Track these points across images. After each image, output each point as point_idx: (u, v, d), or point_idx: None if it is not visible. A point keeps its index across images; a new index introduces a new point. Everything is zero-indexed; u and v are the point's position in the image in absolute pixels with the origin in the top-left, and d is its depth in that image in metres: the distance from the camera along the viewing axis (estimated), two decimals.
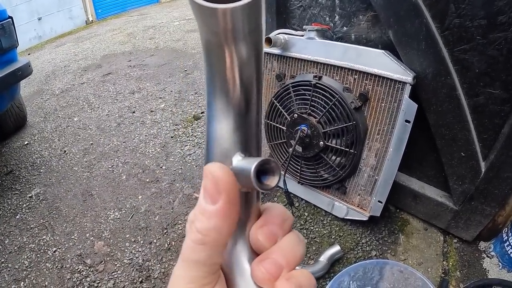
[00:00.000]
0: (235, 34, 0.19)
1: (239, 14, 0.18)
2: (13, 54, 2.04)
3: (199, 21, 0.19)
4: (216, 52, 0.20)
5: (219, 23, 0.18)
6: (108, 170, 2.05)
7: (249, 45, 0.20)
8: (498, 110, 1.04)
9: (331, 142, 1.28)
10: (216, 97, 0.22)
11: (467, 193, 1.21)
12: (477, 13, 0.96)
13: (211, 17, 0.18)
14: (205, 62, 0.22)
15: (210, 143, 0.23)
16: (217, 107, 0.22)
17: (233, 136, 0.22)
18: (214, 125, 0.22)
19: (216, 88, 0.22)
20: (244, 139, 0.23)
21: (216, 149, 0.23)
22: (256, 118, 0.23)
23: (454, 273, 1.26)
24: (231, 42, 0.19)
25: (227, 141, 0.22)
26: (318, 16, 1.37)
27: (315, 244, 1.41)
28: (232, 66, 0.20)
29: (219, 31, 0.19)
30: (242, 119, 0.22)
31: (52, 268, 1.48)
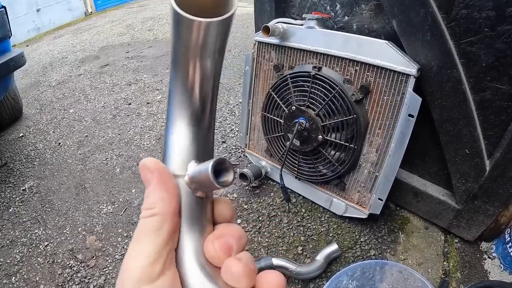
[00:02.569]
0: (204, 50, 0.22)
1: (213, 30, 0.21)
2: (6, 44, 2.00)
3: (174, 31, 0.21)
4: (183, 65, 0.23)
5: (193, 36, 0.21)
6: (102, 162, 2.02)
7: (213, 62, 0.23)
8: (505, 106, 1.00)
9: (330, 136, 1.23)
10: (175, 108, 0.24)
11: (470, 192, 1.17)
12: (485, 4, 0.91)
13: (187, 28, 0.20)
14: (170, 73, 0.24)
15: (168, 151, 0.25)
16: (176, 118, 0.25)
17: (190, 147, 0.25)
18: (173, 135, 0.25)
19: (176, 99, 0.24)
20: (199, 149, 0.25)
21: (175, 158, 0.25)
22: (210, 130, 0.26)
23: (454, 274, 1.22)
24: (199, 56, 0.22)
25: (185, 151, 0.25)
26: (318, 4, 1.32)
27: (312, 242, 1.38)
28: (194, 80, 0.23)
29: (191, 44, 0.21)
30: (198, 131, 0.25)
31: (43, 263, 1.46)
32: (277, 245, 1.38)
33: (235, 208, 1.58)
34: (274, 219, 1.50)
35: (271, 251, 1.36)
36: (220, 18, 0.20)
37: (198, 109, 0.24)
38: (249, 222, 1.50)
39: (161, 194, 0.23)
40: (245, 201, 1.60)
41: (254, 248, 1.38)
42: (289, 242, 1.39)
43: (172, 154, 0.25)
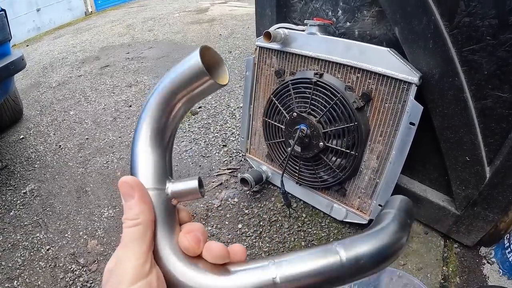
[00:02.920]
0: (196, 98, 0.30)
1: (212, 88, 0.29)
2: (5, 47, 1.99)
3: (186, 78, 0.29)
4: (172, 100, 0.30)
5: (197, 86, 0.29)
6: (103, 166, 2.02)
7: (189, 108, 0.31)
8: (506, 114, 1.00)
9: (331, 143, 1.24)
10: (147, 132, 0.30)
11: (470, 198, 1.18)
12: (488, 12, 0.91)
13: (197, 78, 0.28)
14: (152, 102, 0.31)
15: (144, 169, 0.30)
16: (146, 140, 0.30)
17: (165, 165, 0.31)
18: (142, 154, 0.30)
19: (151, 126, 0.30)
20: (169, 167, 0.31)
21: (148, 174, 0.30)
22: (171, 153, 0.33)
23: (453, 279, 1.23)
24: (189, 101, 0.30)
25: (161, 169, 0.30)
26: (320, 10, 1.32)
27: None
28: (176, 114, 0.31)
29: (192, 89, 0.29)
30: (164, 153, 0.31)
31: (45, 267, 1.46)
32: (278, 250, 1.39)
33: (236, 213, 1.59)
34: (275, 224, 1.50)
35: (272, 256, 1.36)
36: (221, 83, 0.29)
37: (166, 136, 0.31)
38: (250, 227, 1.50)
39: (142, 206, 0.27)
40: (246, 205, 1.61)
41: (255, 253, 1.39)
42: (290, 247, 1.39)
43: (144, 171, 0.30)
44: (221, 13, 5.16)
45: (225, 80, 0.30)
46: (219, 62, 0.30)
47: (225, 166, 1.89)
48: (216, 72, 0.30)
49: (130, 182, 0.28)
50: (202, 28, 4.40)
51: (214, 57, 0.30)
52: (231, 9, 5.36)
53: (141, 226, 0.27)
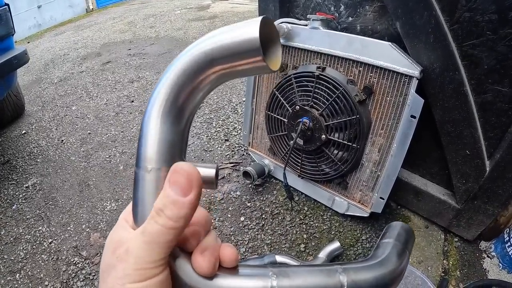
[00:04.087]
0: (235, 75, 0.25)
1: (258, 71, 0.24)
2: (9, 42, 1.99)
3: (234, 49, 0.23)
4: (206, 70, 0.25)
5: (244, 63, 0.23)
6: (106, 160, 2.03)
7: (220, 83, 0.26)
8: (506, 109, 1.01)
9: (334, 136, 1.25)
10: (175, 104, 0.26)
11: (470, 192, 1.19)
12: (488, 7, 0.92)
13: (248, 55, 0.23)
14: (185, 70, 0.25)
15: (157, 145, 0.25)
16: (171, 113, 0.26)
17: (181, 144, 0.27)
18: (168, 127, 0.25)
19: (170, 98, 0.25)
20: (185, 147, 0.27)
21: (168, 153, 0.25)
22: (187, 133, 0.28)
23: (454, 273, 1.24)
24: (225, 76, 0.25)
25: (178, 148, 0.26)
26: (322, 5, 1.33)
27: (314, 240, 1.40)
28: (204, 88, 0.26)
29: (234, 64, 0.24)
30: (186, 131, 0.27)
31: (47, 260, 1.47)
32: (280, 242, 1.40)
33: (238, 206, 1.60)
34: (277, 217, 1.51)
35: (274, 248, 1.38)
36: (272, 68, 0.24)
37: (187, 109, 0.26)
38: (252, 219, 1.52)
39: (189, 213, 0.23)
40: (248, 199, 1.62)
41: (257, 246, 1.40)
42: (292, 239, 1.41)
43: (158, 147, 0.25)
44: (222, 10, 5.16)
45: (276, 64, 0.25)
46: (275, 41, 0.26)
47: (228, 160, 1.90)
48: (268, 52, 0.25)
49: (191, 174, 0.23)
50: (204, 25, 4.40)
51: (272, 34, 0.25)
52: (232, 6, 5.37)
53: (176, 231, 0.23)
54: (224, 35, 0.23)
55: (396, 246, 0.30)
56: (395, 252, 0.30)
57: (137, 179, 0.26)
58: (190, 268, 0.26)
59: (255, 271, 0.27)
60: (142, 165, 0.25)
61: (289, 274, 0.26)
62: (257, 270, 0.27)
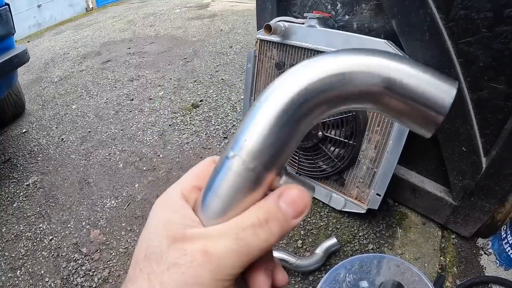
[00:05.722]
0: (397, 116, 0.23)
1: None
2: (10, 41, 2.00)
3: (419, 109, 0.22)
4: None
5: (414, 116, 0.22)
6: (105, 158, 2.04)
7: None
8: (502, 105, 1.01)
9: (330, 133, 1.26)
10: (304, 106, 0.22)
11: (467, 189, 1.19)
12: (484, 5, 0.92)
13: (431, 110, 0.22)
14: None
15: (276, 145, 0.22)
16: (294, 117, 0.22)
17: (289, 152, 0.23)
18: (282, 128, 0.22)
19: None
20: (288, 160, 0.25)
21: (281, 156, 0.23)
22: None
23: (451, 269, 1.25)
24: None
25: (285, 154, 0.23)
26: (319, 3, 1.34)
27: (311, 236, 1.41)
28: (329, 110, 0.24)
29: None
30: (298, 141, 0.24)
31: (48, 256, 1.48)
32: None
33: None
34: None
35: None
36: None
37: (310, 121, 0.23)
38: None
39: (286, 234, 0.23)
40: None
41: None
42: (289, 236, 1.42)
43: (269, 148, 0.22)
44: (222, 8, 5.16)
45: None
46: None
47: None
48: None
49: (307, 203, 0.23)
50: (203, 24, 4.40)
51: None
52: (232, 4, 5.36)
53: (269, 245, 0.22)
54: (419, 77, 0.21)
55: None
56: None
57: (229, 169, 0.22)
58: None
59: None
60: (244, 158, 0.21)
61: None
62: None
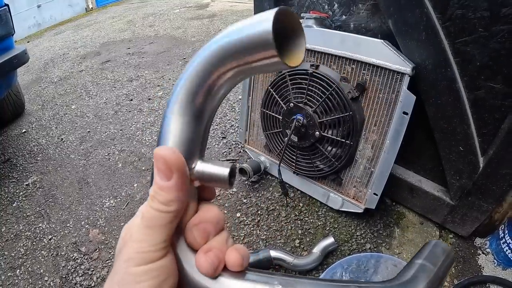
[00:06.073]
0: (252, 72, 0.24)
1: (276, 67, 0.23)
2: (9, 41, 2.01)
3: (247, 45, 0.22)
4: (220, 69, 0.24)
5: (259, 59, 0.22)
6: (105, 158, 2.05)
7: (238, 81, 0.26)
8: (499, 105, 1.01)
9: (327, 133, 1.26)
10: (184, 101, 0.26)
11: (464, 188, 1.19)
12: (480, 4, 0.92)
13: (261, 50, 0.21)
14: (200, 71, 0.25)
15: (175, 138, 0.26)
16: (190, 111, 0.26)
17: (199, 140, 0.27)
18: (176, 127, 0.26)
19: (189, 92, 0.26)
20: (204, 145, 0.28)
21: (184, 147, 0.26)
22: (208, 129, 0.28)
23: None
24: (242, 73, 0.24)
25: (194, 143, 0.26)
26: (316, 4, 1.34)
27: (309, 235, 1.41)
28: (220, 86, 0.25)
29: (250, 59, 0.23)
30: (200, 128, 0.27)
31: (47, 255, 1.49)
32: (275, 238, 1.42)
33: (234, 202, 1.62)
34: (272, 213, 1.53)
35: (269, 243, 1.40)
36: (290, 64, 0.22)
37: (206, 107, 0.26)
38: (248, 215, 1.53)
39: (179, 194, 0.24)
40: (244, 195, 1.64)
41: (252, 241, 1.42)
42: (287, 235, 1.42)
43: (175, 140, 0.26)
44: (221, 8, 5.17)
45: (297, 60, 0.23)
46: (298, 34, 0.23)
47: (224, 157, 1.92)
48: (289, 46, 0.23)
49: (169, 160, 0.24)
50: (203, 24, 4.41)
51: (293, 25, 0.23)
52: (231, 4, 5.37)
53: (172, 214, 0.24)
54: (239, 30, 0.22)
55: (425, 267, 0.25)
56: (423, 274, 0.25)
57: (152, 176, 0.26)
58: (194, 265, 0.26)
59: (260, 277, 0.26)
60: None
61: (295, 286, 0.25)
62: (264, 277, 0.26)
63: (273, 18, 0.20)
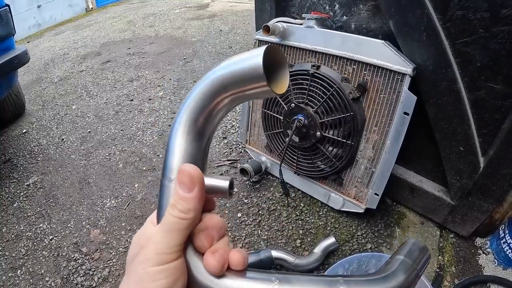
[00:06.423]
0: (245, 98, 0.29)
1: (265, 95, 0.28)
2: (10, 42, 2.01)
3: (241, 77, 0.26)
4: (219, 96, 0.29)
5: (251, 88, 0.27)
6: (105, 158, 2.05)
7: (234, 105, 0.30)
8: (499, 105, 1.02)
9: (328, 133, 1.26)
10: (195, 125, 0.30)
11: (464, 188, 1.20)
12: (480, 5, 0.93)
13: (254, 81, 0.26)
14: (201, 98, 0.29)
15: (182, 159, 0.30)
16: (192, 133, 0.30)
17: (201, 158, 0.31)
18: (188, 144, 0.30)
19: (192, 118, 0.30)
20: (204, 161, 0.32)
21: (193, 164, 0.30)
22: (208, 147, 0.33)
23: (449, 268, 1.25)
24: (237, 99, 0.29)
25: (197, 160, 0.30)
26: (317, 4, 1.34)
27: (310, 235, 1.41)
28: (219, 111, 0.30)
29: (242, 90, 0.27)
30: (206, 147, 0.32)
31: (48, 256, 1.49)
32: (276, 238, 1.42)
33: (235, 202, 1.62)
34: (273, 213, 1.53)
35: (270, 243, 1.40)
36: (277, 91, 0.27)
37: (206, 129, 0.31)
38: (249, 215, 1.53)
39: (197, 206, 0.29)
40: (246, 195, 1.64)
41: (254, 241, 1.42)
42: (288, 235, 1.43)
43: (180, 158, 0.30)
44: (221, 9, 5.17)
45: (283, 88, 0.28)
46: (283, 66, 0.28)
47: (225, 157, 1.92)
48: (276, 76, 0.28)
49: (192, 174, 0.28)
50: (203, 24, 4.41)
51: (278, 58, 0.28)
52: (231, 5, 5.37)
53: (188, 222, 0.28)
54: (235, 64, 0.27)
55: (405, 263, 0.29)
56: (403, 268, 0.29)
57: (162, 187, 0.31)
58: (201, 266, 0.29)
59: (260, 275, 0.29)
60: (167, 176, 0.30)
61: (292, 281, 0.28)
62: (263, 275, 0.29)
63: (263, 55, 0.25)
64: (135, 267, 0.27)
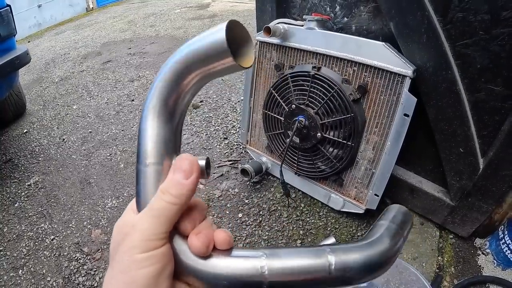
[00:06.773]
0: (213, 74, 0.27)
1: (232, 69, 0.26)
2: (11, 42, 2.01)
3: (206, 54, 0.26)
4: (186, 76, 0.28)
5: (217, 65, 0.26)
6: (106, 158, 2.05)
7: (203, 84, 0.29)
8: (499, 107, 1.02)
9: (329, 134, 1.27)
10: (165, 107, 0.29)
11: (464, 189, 1.20)
12: (481, 7, 0.93)
13: (219, 57, 0.25)
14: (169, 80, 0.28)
15: (153, 141, 0.29)
16: (162, 116, 0.29)
17: (174, 140, 0.30)
18: (160, 128, 0.29)
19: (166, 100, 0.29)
20: (178, 144, 0.31)
21: (161, 148, 0.29)
22: (180, 130, 0.32)
23: (448, 269, 1.26)
24: (205, 75, 0.28)
25: (171, 143, 0.30)
26: (318, 6, 1.35)
27: (310, 236, 1.42)
28: (188, 91, 0.29)
29: (210, 66, 0.26)
30: (178, 129, 0.31)
31: (50, 256, 1.50)
32: (277, 238, 1.43)
33: (236, 203, 1.63)
34: (274, 214, 1.54)
35: (271, 244, 1.40)
36: (244, 65, 0.26)
37: (177, 110, 0.30)
38: (250, 216, 1.54)
39: (190, 192, 0.28)
40: (246, 196, 1.65)
41: (254, 241, 1.43)
42: (289, 235, 1.43)
43: (153, 143, 0.29)
44: (222, 9, 5.17)
45: (249, 62, 0.27)
46: (247, 41, 0.28)
47: (226, 158, 1.93)
48: (241, 52, 0.28)
49: (193, 162, 0.28)
50: (204, 24, 4.41)
51: (242, 34, 0.27)
52: (232, 5, 5.37)
53: (178, 207, 0.28)
54: (198, 44, 0.26)
55: (390, 227, 0.30)
56: (388, 233, 0.29)
57: (138, 173, 0.30)
58: (187, 249, 0.28)
59: (248, 252, 0.29)
60: (142, 161, 0.29)
61: (280, 254, 0.28)
62: (250, 251, 0.29)
63: (225, 30, 0.24)
64: (120, 256, 0.26)
